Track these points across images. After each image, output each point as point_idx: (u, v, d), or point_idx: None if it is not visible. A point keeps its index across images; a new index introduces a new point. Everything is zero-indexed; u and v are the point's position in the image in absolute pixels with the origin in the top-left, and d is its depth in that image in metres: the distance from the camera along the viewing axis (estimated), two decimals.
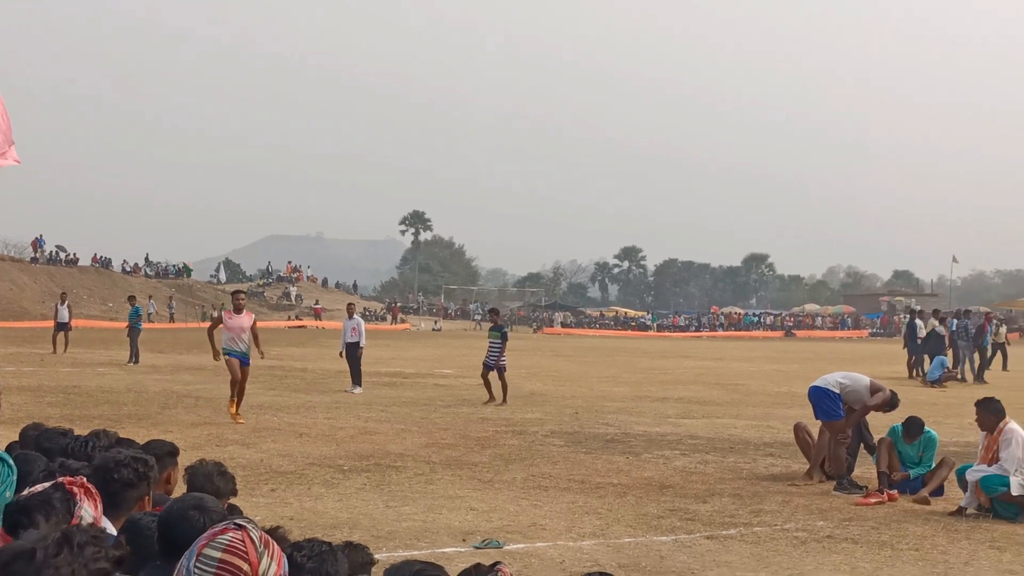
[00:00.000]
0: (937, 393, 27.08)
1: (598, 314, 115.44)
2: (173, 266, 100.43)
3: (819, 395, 12.56)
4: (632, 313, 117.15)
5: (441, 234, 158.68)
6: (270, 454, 13.78)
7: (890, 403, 12.59)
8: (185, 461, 5.77)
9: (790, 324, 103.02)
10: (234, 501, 5.68)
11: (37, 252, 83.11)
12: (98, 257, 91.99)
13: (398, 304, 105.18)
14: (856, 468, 12.61)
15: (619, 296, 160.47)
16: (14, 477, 3.79)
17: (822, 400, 12.51)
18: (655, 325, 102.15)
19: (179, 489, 5.44)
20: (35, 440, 5.99)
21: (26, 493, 3.68)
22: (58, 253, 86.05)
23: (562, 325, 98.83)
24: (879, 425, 13.40)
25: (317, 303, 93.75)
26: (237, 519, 3.04)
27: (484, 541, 8.85)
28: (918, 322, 34.35)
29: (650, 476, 12.62)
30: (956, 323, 33.51)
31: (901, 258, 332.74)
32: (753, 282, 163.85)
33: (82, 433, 6.04)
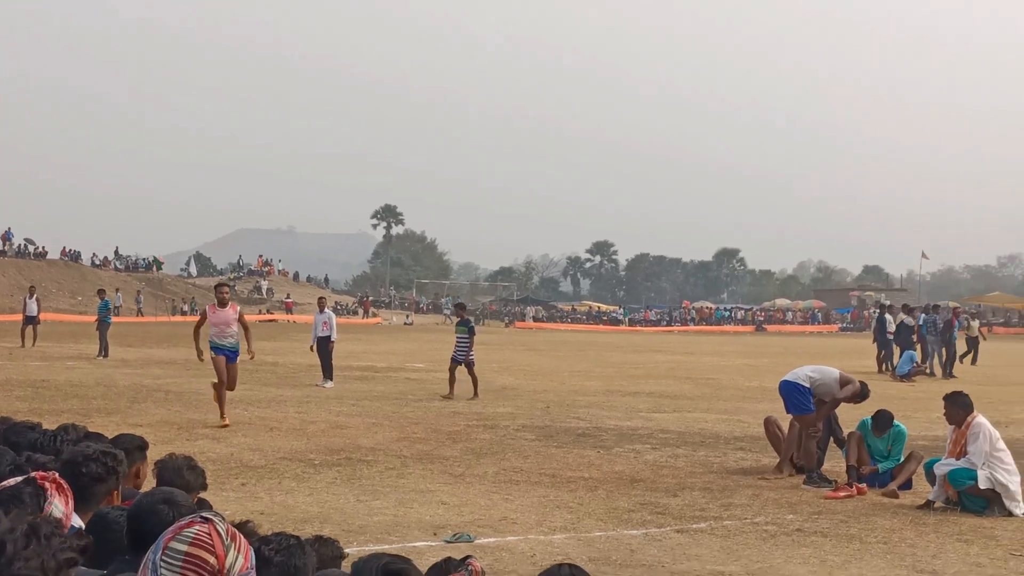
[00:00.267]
0: (906, 387, 27.26)
1: (570, 308, 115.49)
2: (143, 259, 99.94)
3: (789, 389, 12.62)
4: (604, 307, 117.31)
5: (413, 228, 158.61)
6: (240, 448, 13.73)
7: (860, 394, 12.66)
8: (155, 455, 5.74)
9: (761, 319, 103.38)
10: (204, 495, 5.66)
11: (5, 245, 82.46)
12: (67, 250, 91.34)
13: (370, 298, 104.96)
14: (825, 462, 12.67)
15: (591, 290, 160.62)
16: None
17: (792, 394, 12.57)
18: (627, 319, 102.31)
19: (148, 483, 5.42)
20: (3, 434, 5.94)
21: None
22: (27, 246, 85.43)
23: (534, 319, 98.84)
24: (849, 419, 13.47)
25: (288, 297, 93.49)
26: (204, 512, 3.03)
27: (455, 535, 8.85)
28: (887, 317, 34.56)
29: (621, 470, 12.65)
30: (924, 318, 33.73)
31: (871, 253, 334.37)
32: (724, 277, 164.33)
33: (50, 427, 6.00)
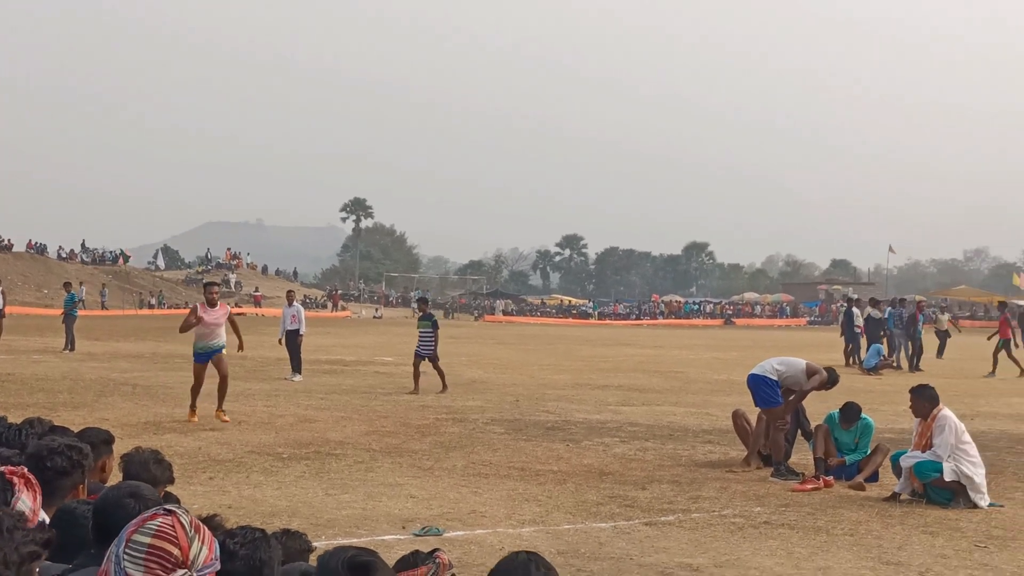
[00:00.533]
0: (873, 381, 27.42)
1: (539, 302, 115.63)
2: (110, 252, 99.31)
3: (757, 382, 12.67)
4: (573, 301, 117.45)
5: (382, 221, 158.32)
6: (208, 442, 13.68)
7: (829, 381, 12.71)
8: (122, 449, 5.71)
9: (730, 312, 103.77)
10: (171, 489, 5.63)
11: None
12: (33, 243, 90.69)
13: (339, 291, 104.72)
14: (793, 454, 12.74)
15: (560, 284, 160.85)
16: None
17: (760, 387, 12.62)
18: (596, 313, 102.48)
19: (115, 477, 5.38)
20: None
21: None
22: None
23: (503, 313, 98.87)
24: (818, 412, 13.55)
25: (257, 290, 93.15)
26: (167, 505, 3.02)
27: (424, 528, 8.84)
28: (855, 310, 34.74)
29: (590, 463, 12.67)
30: (891, 311, 33.93)
31: (839, 247, 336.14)
32: (694, 270, 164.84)
33: (16, 421, 5.95)
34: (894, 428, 15.81)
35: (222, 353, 16.24)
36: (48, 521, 3.91)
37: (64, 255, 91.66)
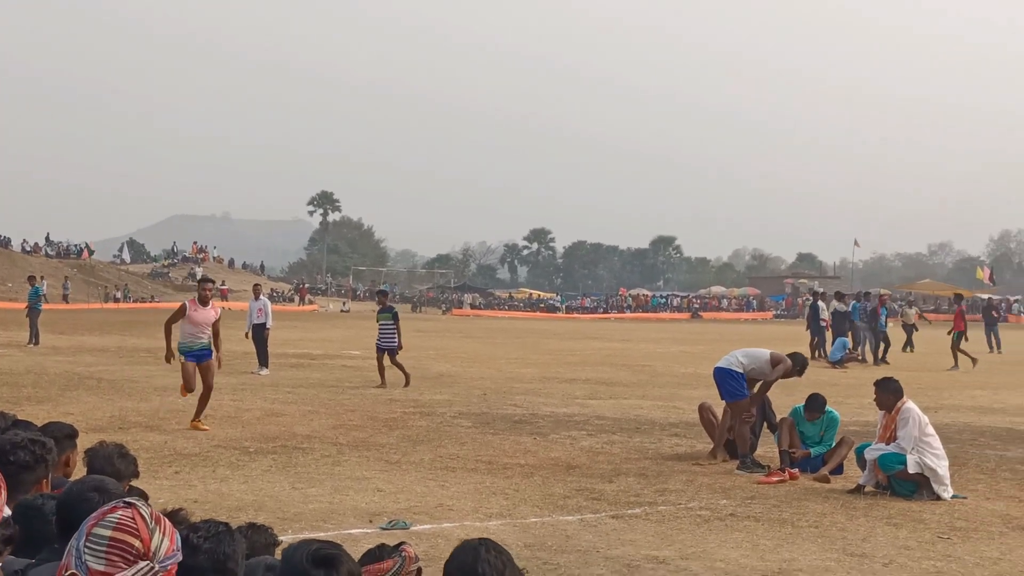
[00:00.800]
0: (838, 374, 27.59)
1: (507, 296, 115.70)
2: (75, 246, 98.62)
3: (723, 376, 12.72)
4: (541, 295, 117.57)
5: (350, 215, 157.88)
6: (174, 436, 13.62)
7: (796, 365, 12.75)
8: (86, 443, 5.68)
9: (696, 306, 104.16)
10: (137, 483, 5.61)
11: None
12: None
13: (306, 285, 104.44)
14: (759, 447, 12.80)
15: (528, 278, 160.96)
16: None
17: (726, 380, 12.67)
18: (563, 307, 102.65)
19: (79, 472, 5.36)
20: None
21: None
22: None
23: (471, 307, 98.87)
24: (784, 405, 13.62)
25: (223, 284, 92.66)
26: (126, 498, 3.01)
27: (391, 522, 8.83)
28: (820, 304, 34.97)
29: (557, 456, 12.69)
30: (855, 305, 34.14)
31: (805, 241, 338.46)
32: (661, 264, 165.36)
33: None
34: (859, 421, 15.92)
35: (211, 360, 15.02)
36: (11, 516, 3.89)
37: (28, 248, 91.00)
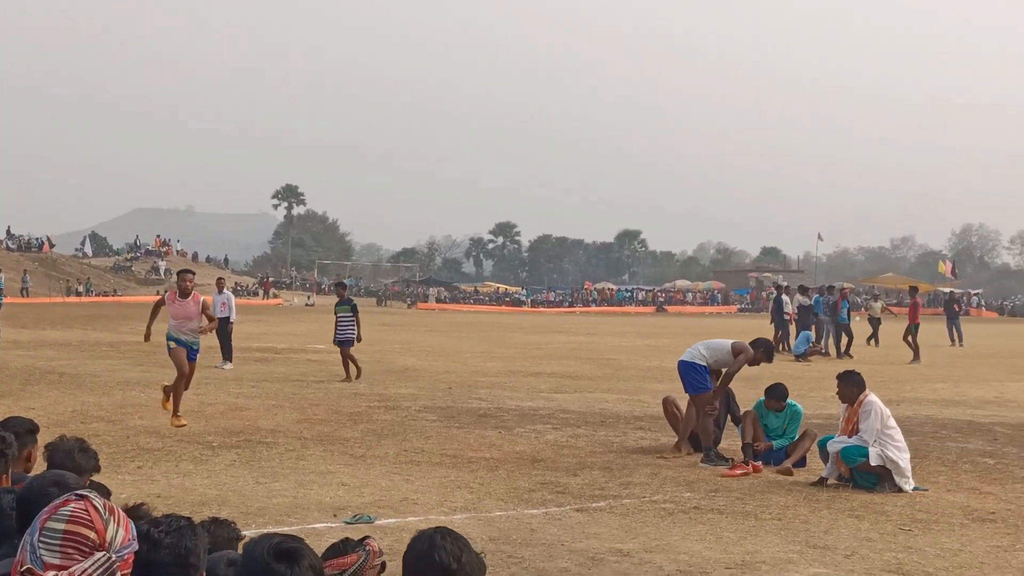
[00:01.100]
0: (801, 367, 27.75)
1: (472, 289, 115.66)
2: (36, 239, 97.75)
3: (686, 369, 12.76)
4: (506, 288, 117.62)
5: (314, 209, 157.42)
6: (137, 431, 13.54)
7: (762, 350, 12.78)
8: (48, 438, 5.64)
9: (662, 300, 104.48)
10: (98, 478, 5.58)
11: None
12: None
13: (270, 279, 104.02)
14: (723, 440, 12.86)
15: (493, 271, 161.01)
16: None
17: (689, 374, 12.71)
18: (529, 301, 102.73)
19: (39, 467, 5.32)
20: None
21: None
22: None
23: (436, 300, 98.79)
24: (748, 399, 13.69)
25: None
26: (79, 490, 2.99)
27: (355, 516, 8.82)
28: (784, 298, 35.18)
29: (522, 450, 12.71)
30: (818, 298, 34.33)
31: (769, 235, 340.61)
32: (626, 258, 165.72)
33: None
34: (822, 414, 16.01)
35: (195, 362, 14.60)
36: None
37: None
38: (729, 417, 13.16)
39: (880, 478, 10.59)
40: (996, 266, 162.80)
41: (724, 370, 12.78)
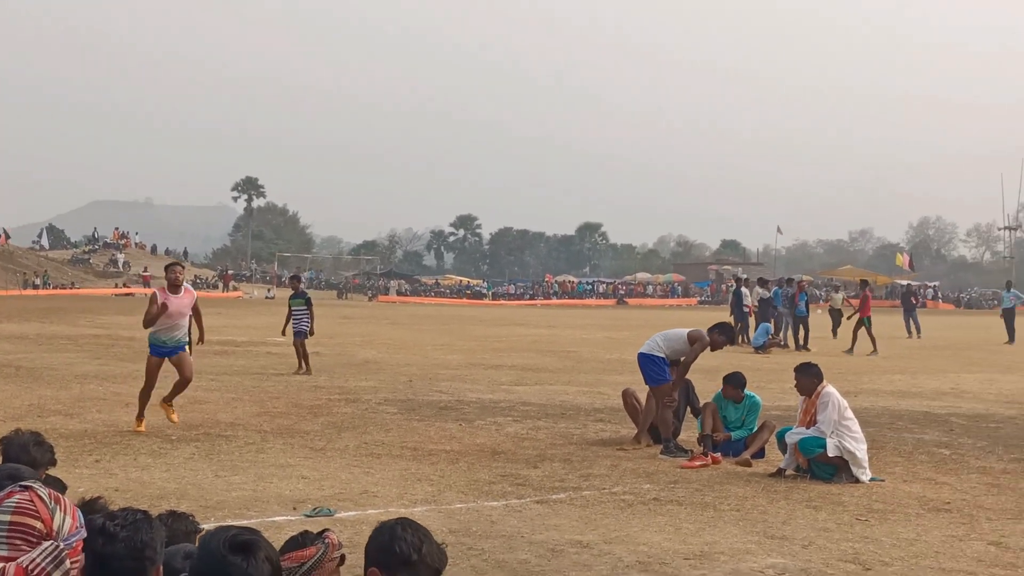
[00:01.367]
0: (760, 359, 27.92)
1: (433, 282, 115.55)
2: None
3: (645, 361, 12.80)
4: (467, 281, 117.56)
5: (275, 201, 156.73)
6: (95, 424, 13.45)
7: (721, 333, 12.82)
8: (4, 432, 5.60)
9: (622, 292, 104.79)
10: (55, 472, 5.54)
11: None
12: None
13: (230, 272, 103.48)
14: (682, 432, 12.92)
15: (455, 264, 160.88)
16: None
17: (648, 366, 12.75)
18: (490, 293, 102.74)
19: None
20: None
21: None
22: None
23: (397, 293, 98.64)
24: (707, 390, 13.76)
25: (146, 270, 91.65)
26: (23, 481, 2.98)
27: (315, 509, 8.80)
28: (744, 290, 35.36)
29: (482, 442, 12.72)
30: (777, 290, 34.55)
31: (729, 228, 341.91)
32: (587, 251, 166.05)
33: None
34: (780, 405, 16.12)
35: (185, 352, 13.70)
36: None
37: None
38: (688, 409, 13.22)
39: (837, 469, 10.68)
40: (953, 259, 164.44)
41: (682, 359, 12.82)
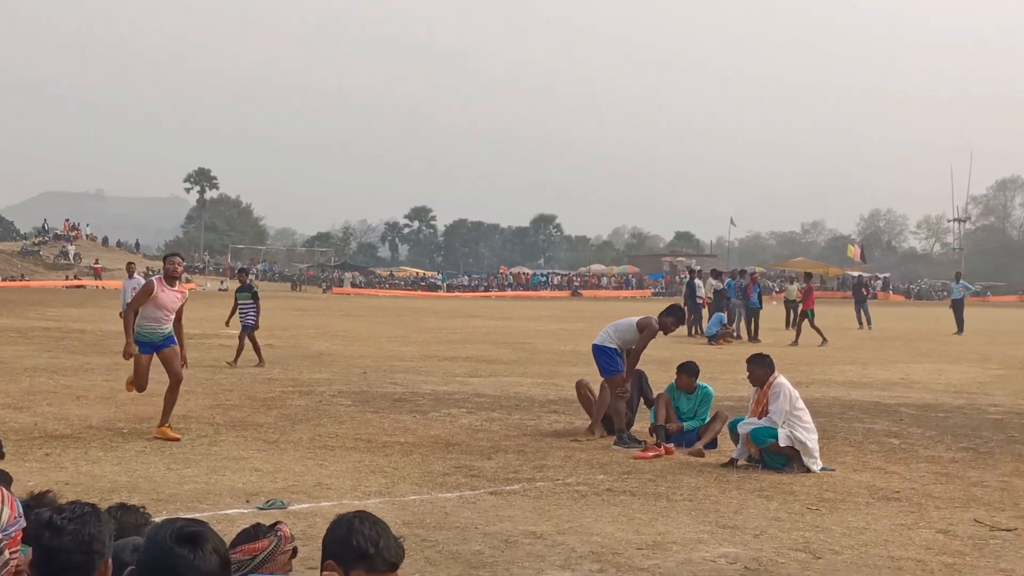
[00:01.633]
0: (714, 350, 28.08)
1: (388, 274, 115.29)
2: None
3: (598, 352, 12.85)
4: (422, 273, 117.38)
5: (228, 193, 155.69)
6: (45, 418, 13.31)
7: (668, 317, 12.88)
8: None
9: (577, 284, 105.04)
10: (4, 466, 5.49)
11: None
12: None
13: (183, 264, 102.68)
14: (636, 422, 12.97)
15: (409, 256, 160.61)
16: None
17: (601, 357, 12.80)
18: (445, 285, 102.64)
19: None
20: None
21: None
22: None
23: (352, 285, 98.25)
24: (661, 381, 13.83)
25: (97, 262, 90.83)
26: None
27: (268, 502, 8.77)
28: (697, 282, 35.55)
29: (436, 434, 12.72)
30: (730, 282, 34.74)
31: (682, 220, 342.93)
32: (542, 243, 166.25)
33: None
34: (733, 396, 16.23)
35: (174, 347, 12.63)
36: None
37: None
38: (642, 399, 13.29)
39: (789, 459, 10.76)
40: (903, 250, 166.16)
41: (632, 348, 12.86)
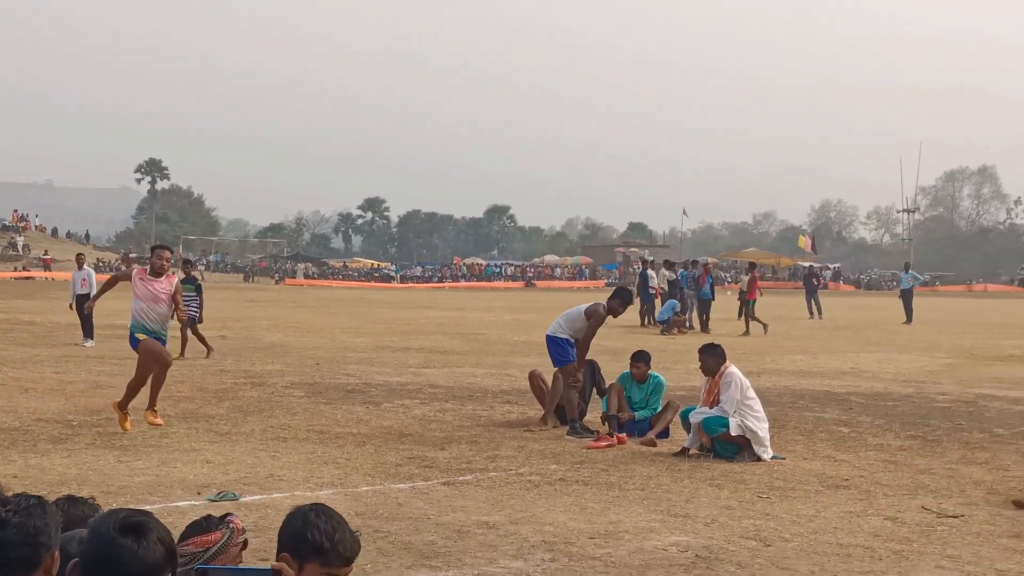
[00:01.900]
0: (666, 340, 28.22)
1: (341, 265, 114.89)
2: None
3: (551, 343, 12.89)
4: (376, 264, 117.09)
5: (179, 183, 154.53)
6: None
7: (615, 300, 12.95)
8: None
9: (530, 275, 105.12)
10: None
11: None
12: None
13: (133, 255, 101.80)
14: (588, 412, 13.03)
15: (363, 247, 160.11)
16: None
17: (553, 348, 12.84)
18: (398, 276, 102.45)
19: None
20: None
21: None
22: None
23: (305, 276, 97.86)
24: (613, 371, 13.89)
25: (46, 253, 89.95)
26: None
27: (219, 494, 8.73)
28: (650, 272, 35.70)
29: (390, 425, 12.71)
30: (683, 272, 34.91)
31: (636, 211, 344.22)
32: (495, 233, 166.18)
33: None
34: (684, 386, 16.33)
35: (164, 345, 12.62)
36: None
37: None
38: (594, 389, 13.34)
39: (740, 448, 10.85)
40: (853, 241, 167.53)
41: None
